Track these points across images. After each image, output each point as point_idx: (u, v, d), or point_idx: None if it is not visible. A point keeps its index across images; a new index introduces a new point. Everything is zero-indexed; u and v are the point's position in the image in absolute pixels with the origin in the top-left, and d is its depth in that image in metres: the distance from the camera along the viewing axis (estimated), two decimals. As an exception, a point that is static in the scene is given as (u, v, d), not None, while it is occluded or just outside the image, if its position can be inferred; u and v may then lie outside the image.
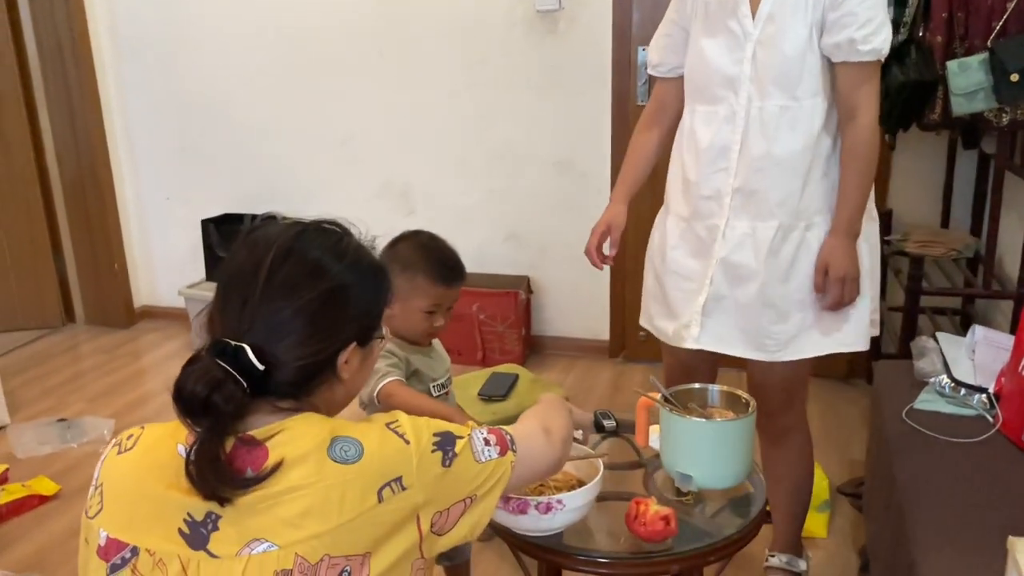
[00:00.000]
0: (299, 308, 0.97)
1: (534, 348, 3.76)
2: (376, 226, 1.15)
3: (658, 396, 1.64)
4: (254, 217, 3.88)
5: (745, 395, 1.63)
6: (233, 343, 0.93)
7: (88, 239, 4.17)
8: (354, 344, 1.02)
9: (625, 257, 3.48)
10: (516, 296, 3.54)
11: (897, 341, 2.81)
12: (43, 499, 2.69)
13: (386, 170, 3.78)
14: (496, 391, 2.54)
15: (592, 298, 3.66)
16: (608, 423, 1.87)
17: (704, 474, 1.50)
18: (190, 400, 0.90)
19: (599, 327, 3.70)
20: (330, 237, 1.04)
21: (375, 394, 1.67)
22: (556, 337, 3.76)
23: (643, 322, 2.09)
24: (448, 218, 3.59)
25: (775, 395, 1.99)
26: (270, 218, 1.08)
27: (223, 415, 0.90)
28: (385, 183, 3.78)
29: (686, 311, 1.91)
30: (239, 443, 0.93)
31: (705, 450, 1.52)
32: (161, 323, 4.24)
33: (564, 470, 1.53)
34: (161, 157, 4.11)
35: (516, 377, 2.66)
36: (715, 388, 1.66)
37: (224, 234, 3.84)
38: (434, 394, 1.83)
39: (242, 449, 0.93)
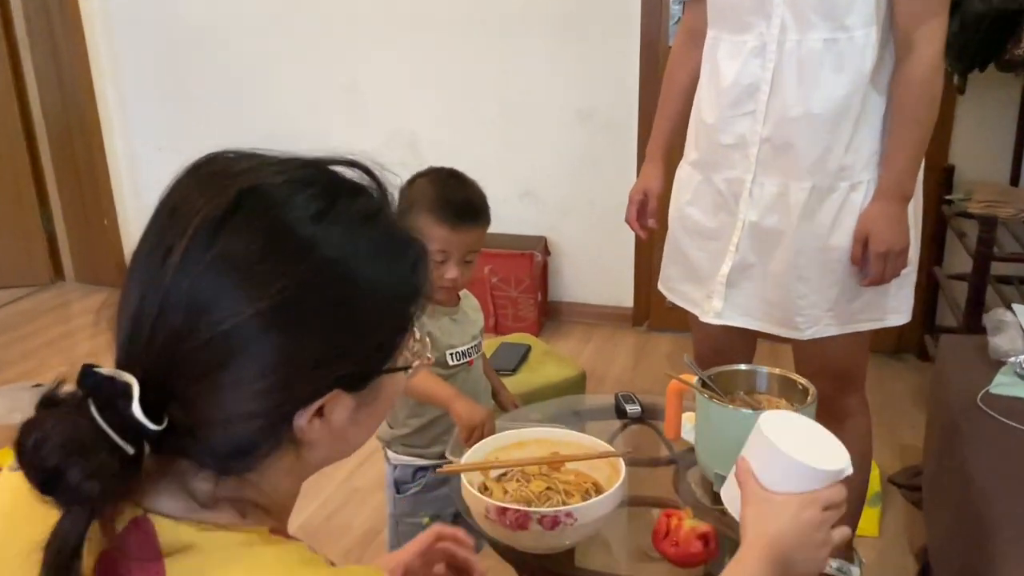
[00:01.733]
0: (253, 317, 0.59)
1: (550, 315, 3.55)
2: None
3: (693, 380, 1.35)
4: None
5: (802, 380, 1.35)
6: (116, 376, 0.58)
7: (77, 193, 3.97)
8: (337, 391, 0.64)
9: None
10: (532, 258, 3.30)
11: (961, 312, 2.50)
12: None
13: (393, 119, 3.54)
14: (505, 364, 2.26)
15: (614, 261, 3.44)
16: (631, 408, 1.60)
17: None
18: (33, 470, 0.56)
19: (622, 293, 3.48)
20: (346, 193, 0.66)
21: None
22: (574, 303, 3.55)
23: (661, 286, 1.85)
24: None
25: (829, 376, 1.70)
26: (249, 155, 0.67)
27: (84, 500, 0.56)
28: (392, 133, 3.53)
29: (710, 277, 1.70)
30: (128, 537, 0.60)
31: (754, 449, 1.23)
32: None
33: (576, 468, 1.26)
34: (152, 106, 3.88)
35: (527, 349, 2.37)
36: (764, 371, 1.38)
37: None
38: (452, 363, 1.58)
39: (131, 562, 0.59)
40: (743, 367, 1.40)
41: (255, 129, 3.67)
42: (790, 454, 0.90)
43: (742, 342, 1.86)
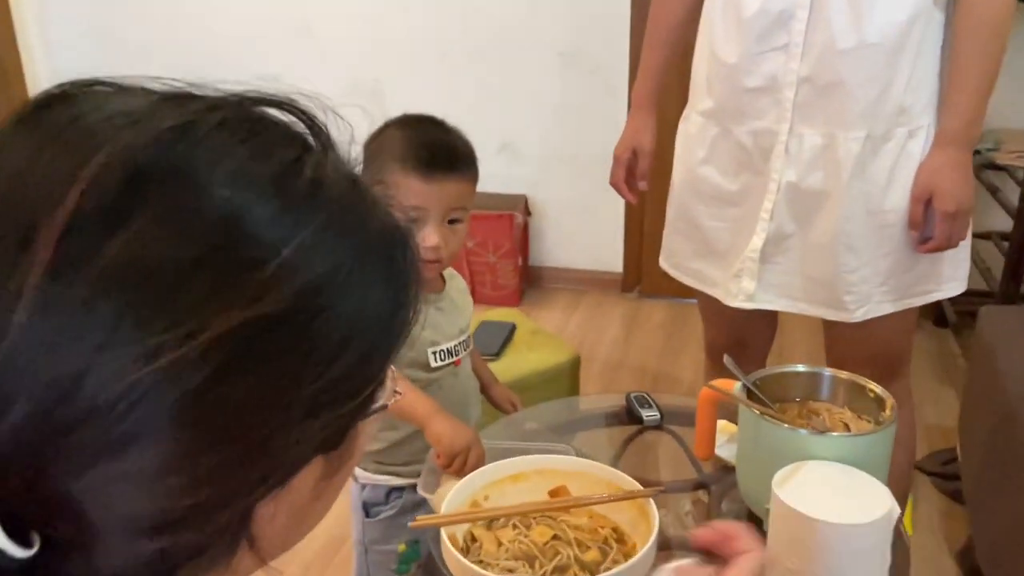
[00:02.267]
0: (163, 369, 0.36)
1: (532, 282, 3.29)
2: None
3: (734, 386, 1.07)
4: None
5: (874, 387, 1.06)
6: None
7: None
8: (316, 460, 0.44)
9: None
10: (511, 219, 3.02)
11: (999, 279, 2.24)
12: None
13: (352, 66, 3.24)
14: (486, 347, 1.96)
15: (602, 221, 3.20)
16: (648, 413, 1.32)
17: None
18: None
19: (610, 256, 3.24)
20: (273, 147, 0.42)
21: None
22: (559, 268, 3.30)
23: (665, 264, 1.64)
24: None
25: (873, 363, 1.45)
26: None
27: None
28: (352, 82, 3.22)
29: (734, 253, 1.47)
30: None
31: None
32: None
33: (591, 510, 0.98)
34: (81, 51, 3.48)
35: (512, 328, 2.07)
36: (828, 373, 1.11)
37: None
38: (435, 363, 1.28)
39: None
40: (798, 368, 1.12)
41: (195, 77, 3.30)
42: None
43: (765, 327, 1.62)
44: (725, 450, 1.18)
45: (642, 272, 3.18)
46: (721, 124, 1.43)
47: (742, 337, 1.59)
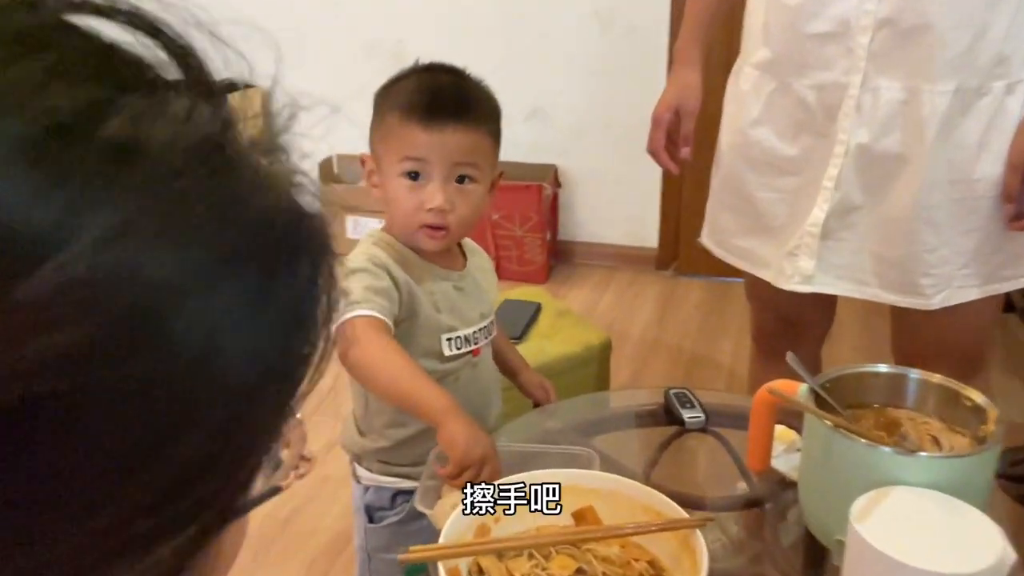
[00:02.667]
0: None
1: (561, 257, 3.12)
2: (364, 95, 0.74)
3: (798, 390, 0.89)
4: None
5: (973, 394, 0.88)
6: None
7: None
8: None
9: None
10: (539, 191, 2.84)
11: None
12: None
13: (374, 25, 3.08)
14: (508, 330, 1.78)
15: (637, 193, 3.01)
16: (691, 415, 1.14)
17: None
18: None
19: (645, 231, 3.05)
20: (57, 80, 0.25)
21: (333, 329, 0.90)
22: (589, 243, 3.12)
23: (708, 241, 1.47)
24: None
25: (950, 359, 1.27)
26: None
27: None
28: (373, 42, 3.06)
29: (791, 227, 1.29)
30: None
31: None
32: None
33: (628, 540, 0.81)
34: None
35: (537, 308, 1.90)
36: (915, 375, 0.93)
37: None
38: (450, 352, 1.11)
39: None
40: (878, 368, 0.94)
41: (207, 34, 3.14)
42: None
43: (821, 312, 1.44)
44: (783, 461, 1.01)
45: (679, 248, 2.99)
46: (779, 78, 1.25)
47: (794, 322, 1.42)
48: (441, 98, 1.02)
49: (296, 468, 0.40)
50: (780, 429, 1.01)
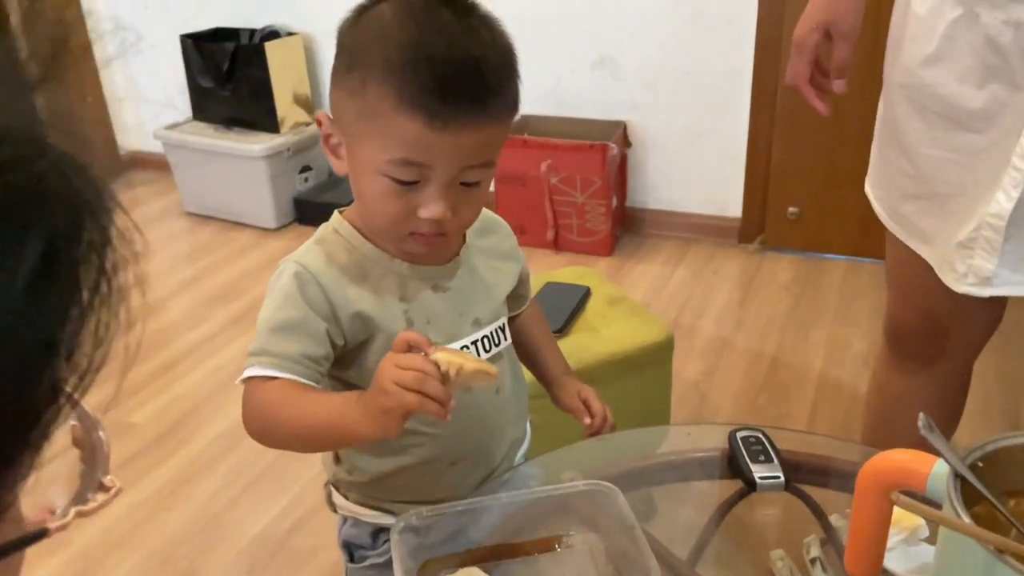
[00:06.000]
0: None
1: (629, 227, 2.79)
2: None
3: (932, 469, 0.54)
4: (252, 33, 2.92)
5: None
6: None
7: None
8: None
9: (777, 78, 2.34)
10: (605, 151, 2.50)
11: None
12: None
13: None
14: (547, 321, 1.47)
15: (719, 155, 2.64)
16: (763, 472, 0.82)
17: None
18: None
19: (727, 198, 2.69)
20: None
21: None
22: (662, 211, 2.79)
23: (871, 191, 1.17)
24: (511, 34, 2.52)
25: None
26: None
27: None
28: None
29: (966, 209, 1.00)
30: None
31: None
32: (156, 174, 3.33)
33: None
34: None
35: (584, 294, 1.57)
36: None
37: (209, 56, 2.85)
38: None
39: None
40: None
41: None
42: None
43: (986, 314, 1.17)
44: (899, 558, 0.68)
45: (766, 218, 2.62)
46: (966, 4, 0.94)
47: (947, 325, 1.11)
48: (458, 84, 0.71)
49: (83, 501, 0.33)
50: (898, 513, 0.67)
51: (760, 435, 0.85)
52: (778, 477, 0.80)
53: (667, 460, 0.89)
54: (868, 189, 1.16)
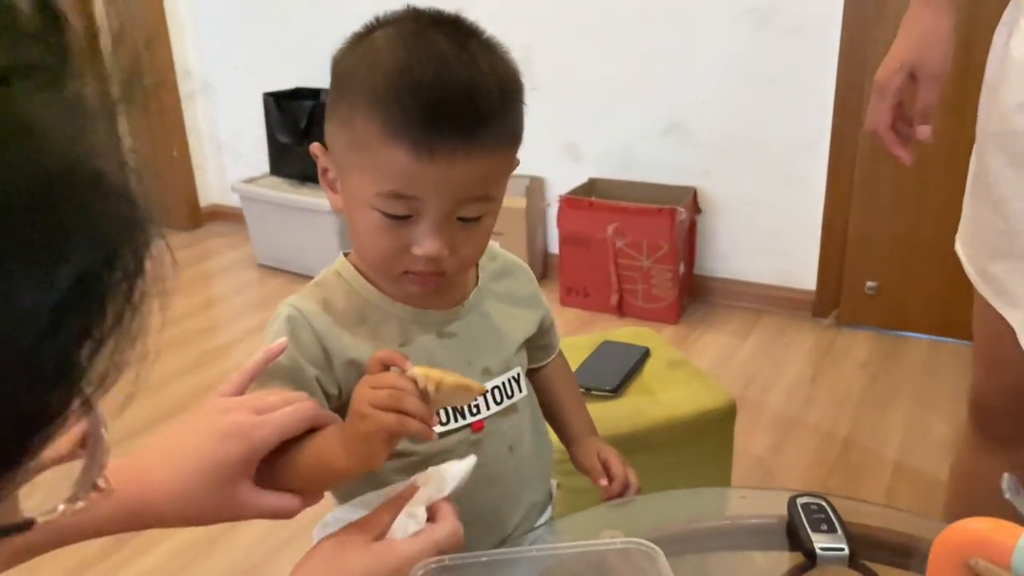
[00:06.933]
0: None
1: (696, 295, 2.71)
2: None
3: (1018, 544, 0.45)
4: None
5: None
6: None
7: (142, 119, 3.45)
8: None
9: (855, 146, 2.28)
10: (674, 215, 2.45)
11: None
12: None
13: (497, 29, 2.69)
14: (601, 380, 1.41)
15: (793, 224, 2.56)
16: (827, 545, 0.73)
17: None
18: None
19: (800, 269, 2.60)
20: None
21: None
22: (731, 280, 2.72)
23: (961, 248, 1.09)
24: (584, 97, 2.65)
25: None
26: None
27: None
28: None
29: None
30: None
31: None
32: (232, 226, 3.42)
33: None
34: (226, 19, 3.30)
35: (643, 354, 1.50)
36: None
37: (288, 113, 2.93)
38: (439, 427, 0.80)
39: None
40: None
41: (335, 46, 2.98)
42: None
43: None
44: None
45: (842, 292, 2.51)
46: None
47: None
48: (446, 110, 0.66)
49: (76, 500, 0.35)
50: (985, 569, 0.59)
51: (823, 502, 0.76)
52: (842, 549, 0.71)
53: (718, 525, 0.81)
54: (958, 246, 1.07)
